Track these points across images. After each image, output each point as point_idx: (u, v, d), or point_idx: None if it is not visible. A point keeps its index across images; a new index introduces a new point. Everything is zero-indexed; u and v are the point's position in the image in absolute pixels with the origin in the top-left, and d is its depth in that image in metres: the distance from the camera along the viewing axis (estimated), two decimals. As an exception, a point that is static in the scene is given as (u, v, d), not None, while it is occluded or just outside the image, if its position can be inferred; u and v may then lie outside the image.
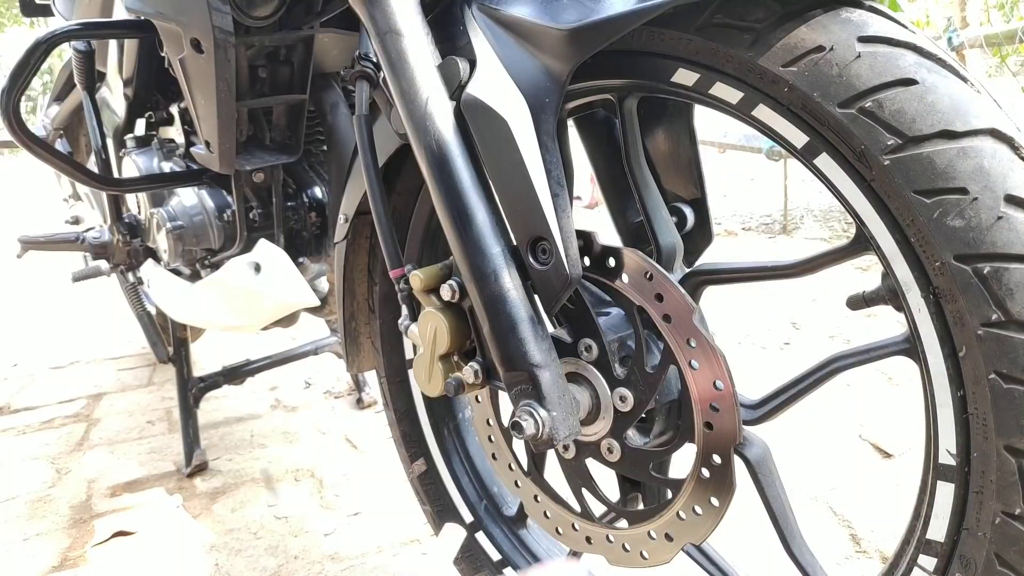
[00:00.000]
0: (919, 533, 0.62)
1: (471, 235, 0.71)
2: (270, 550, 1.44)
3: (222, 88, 1.05)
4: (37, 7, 1.83)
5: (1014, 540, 0.55)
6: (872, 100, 0.56)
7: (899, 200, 0.55)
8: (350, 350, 1.13)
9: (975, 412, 0.55)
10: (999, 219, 0.52)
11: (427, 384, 0.81)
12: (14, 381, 2.51)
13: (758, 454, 0.74)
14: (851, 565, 1.28)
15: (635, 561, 0.81)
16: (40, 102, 8.93)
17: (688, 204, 0.84)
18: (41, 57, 1.18)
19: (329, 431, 1.96)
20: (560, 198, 0.69)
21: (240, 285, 1.25)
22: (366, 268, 1.08)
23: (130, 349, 2.72)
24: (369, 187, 0.82)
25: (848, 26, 0.58)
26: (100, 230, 1.64)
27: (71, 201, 2.28)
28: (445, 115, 0.72)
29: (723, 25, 0.62)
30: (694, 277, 0.77)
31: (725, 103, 0.65)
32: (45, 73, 7.04)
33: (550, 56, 0.68)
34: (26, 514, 1.62)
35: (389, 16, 0.73)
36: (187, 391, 1.81)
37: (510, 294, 0.70)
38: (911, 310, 0.58)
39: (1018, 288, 0.51)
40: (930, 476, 0.60)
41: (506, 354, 0.71)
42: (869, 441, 1.68)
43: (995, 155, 0.53)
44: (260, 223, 1.37)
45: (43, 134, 2.03)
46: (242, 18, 0.99)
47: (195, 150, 1.24)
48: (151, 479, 1.75)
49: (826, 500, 1.46)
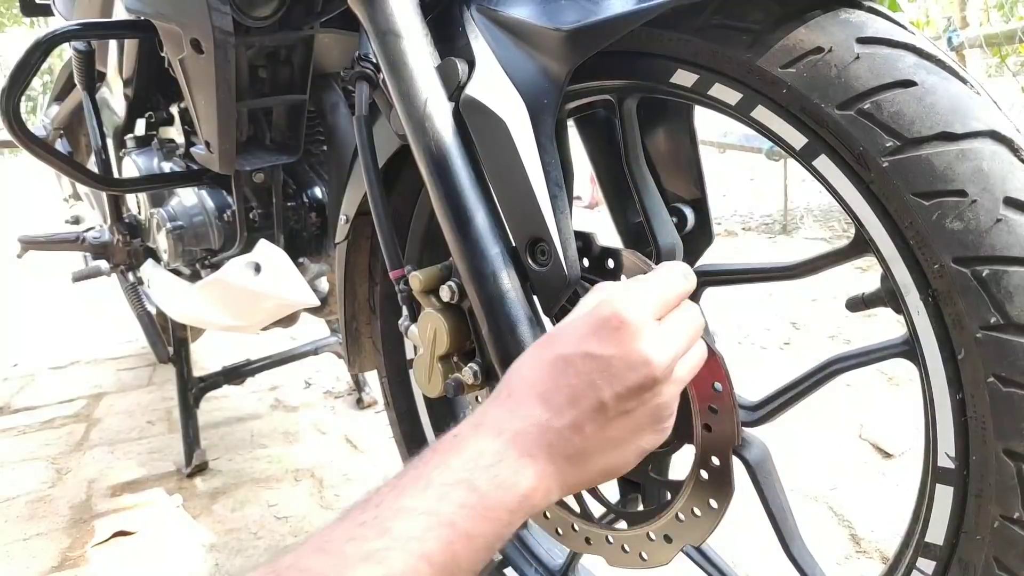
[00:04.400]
0: (918, 536, 0.62)
1: (470, 236, 0.71)
2: (270, 550, 1.44)
3: (222, 88, 1.05)
4: (37, 7, 1.82)
5: (1013, 544, 0.54)
6: (871, 102, 0.55)
7: (898, 202, 0.55)
8: (351, 350, 1.13)
9: (974, 415, 0.55)
10: (998, 221, 0.51)
11: (427, 385, 0.81)
12: (14, 381, 2.51)
13: (757, 455, 0.73)
14: (851, 565, 1.28)
15: (634, 562, 0.81)
16: (40, 102, 8.94)
17: (688, 204, 0.84)
18: (41, 57, 1.18)
19: (329, 431, 1.96)
20: (559, 199, 0.69)
21: (240, 285, 1.25)
22: (367, 268, 1.08)
23: (130, 349, 2.72)
24: (369, 188, 0.82)
25: (847, 27, 0.58)
26: (100, 230, 1.64)
27: (71, 201, 2.28)
28: (444, 116, 0.72)
29: (722, 26, 0.62)
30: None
31: (724, 104, 0.65)
32: (45, 73, 7.04)
33: (549, 57, 0.68)
34: (26, 514, 1.62)
35: (388, 17, 0.73)
36: (187, 391, 1.81)
37: (509, 295, 0.70)
38: (910, 312, 0.58)
39: (1017, 291, 0.51)
40: (929, 479, 0.60)
41: (505, 355, 0.71)
42: (869, 441, 1.68)
43: (994, 157, 0.53)
44: (260, 223, 1.37)
45: (43, 134, 2.03)
46: (242, 18, 0.99)
47: (195, 150, 1.24)
48: (151, 479, 1.75)
49: (826, 500, 1.46)
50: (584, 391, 0.52)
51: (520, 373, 0.55)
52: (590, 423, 0.52)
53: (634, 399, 0.53)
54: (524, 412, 0.52)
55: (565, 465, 0.52)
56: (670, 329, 0.56)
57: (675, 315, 0.57)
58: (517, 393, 0.53)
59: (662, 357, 0.54)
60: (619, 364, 0.53)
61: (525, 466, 0.51)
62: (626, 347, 0.53)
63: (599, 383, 0.52)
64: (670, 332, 0.56)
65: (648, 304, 0.55)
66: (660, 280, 0.58)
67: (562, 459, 0.52)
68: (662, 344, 0.54)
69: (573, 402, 0.52)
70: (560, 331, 0.57)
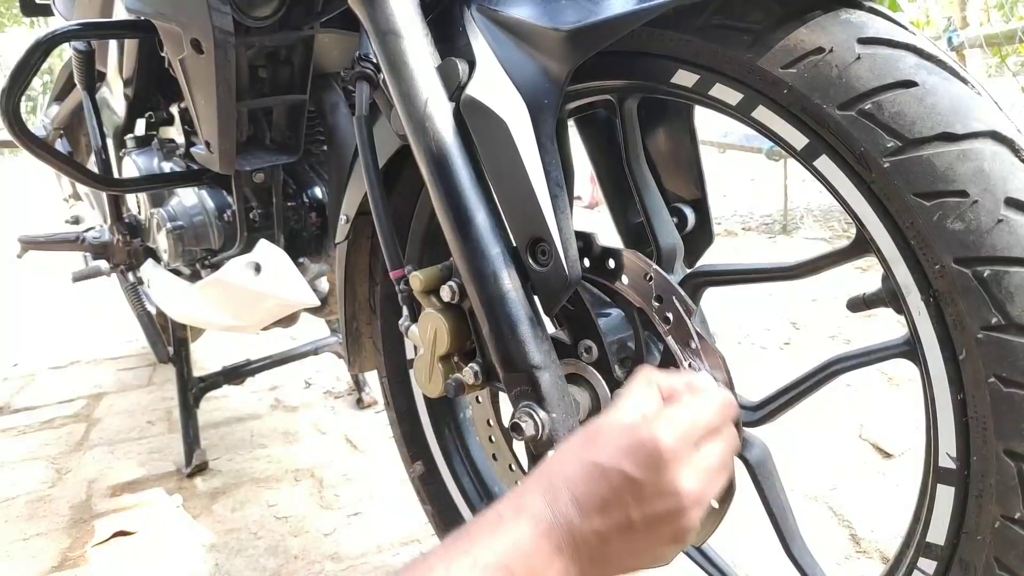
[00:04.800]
0: (919, 536, 0.62)
1: (470, 236, 0.71)
2: (270, 550, 1.44)
3: (222, 88, 1.05)
4: (37, 7, 1.82)
5: (1014, 544, 0.55)
6: (872, 102, 0.55)
7: (899, 202, 0.55)
8: (352, 350, 1.12)
9: (975, 415, 0.55)
10: (999, 222, 0.51)
11: (427, 385, 0.81)
12: (14, 381, 2.51)
13: (758, 456, 0.74)
14: (851, 565, 1.28)
15: (635, 562, 0.81)
16: (40, 102, 8.94)
17: (689, 204, 0.84)
18: (41, 57, 1.18)
19: (329, 431, 1.96)
20: (559, 199, 0.69)
21: (240, 285, 1.25)
22: (367, 268, 1.08)
23: (130, 349, 2.72)
24: (369, 188, 0.82)
25: (847, 27, 0.58)
26: (100, 230, 1.64)
27: (71, 201, 2.28)
28: (444, 116, 0.72)
29: (722, 26, 0.62)
30: (694, 278, 0.77)
31: (725, 104, 0.65)
32: (45, 73, 7.04)
33: (549, 57, 0.68)
34: (26, 514, 1.62)
35: (388, 17, 0.73)
36: (187, 391, 1.81)
37: (509, 295, 0.70)
38: (911, 313, 0.58)
39: (1018, 291, 0.51)
40: (930, 479, 0.60)
41: (506, 355, 0.71)
42: (869, 441, 1.68)
43: (995, 158, 0.53)
44: (260, 223, 1.37)
45: (43, 134, 2.02)
46: (242, 18, 0.99)
47: (195, 150, 1.24)
48: (151, 479, 1.75)
49: (826, 500, 1.46)
50: (615, 505, 0.55)
51: (561, 467, 0.58)
52: (615, 535, 0.56)
53: (660, 523, 0.56)
54: (559, 508, 0.55)
55: (587, 565, 0.56)
56: (704, 459, 0.58)
57: (711, 446, 0.59)
58: (555, 488, 0.57)
59: (693, 488, 0.56)
60: (650, 490, 0.55)
61: (554, 560, 0.55)
62: (659, 476, 0.55)
63: (629, 502, 0.55)
64: (703, 462, 0.58)
65: (687, 434, 0.57)
66: (702, 408, 0.60)
67: (586, 559, 0.55)
68: (694, 476, 0.57)
69: (603, 512, 0.55)
70: (602, 433, 0.59)
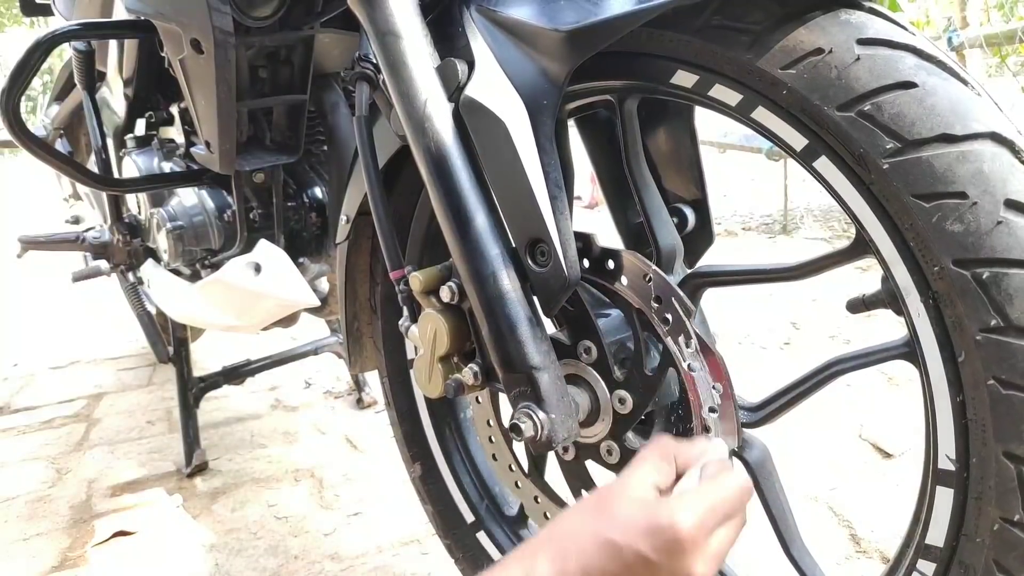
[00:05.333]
0: (918, 538, 0.62)
1: (470, 237, 0.71)
2: (270, 550, 1.44)
3: (222, 88, 1.05)
4: (37, 7, 1.82)
5: (1013, 546, 0.54)
6: (871, 103, 0.55)
7: (898, 204, 0.55)
8: (352, 350, 1.12)
9: (974, 417, 0.55)
10: (998, 224, 0.51)
11: (427, 385, 0.80)
12: (14, 381, 2.51)
13: (758, 456, 0.74)
14: (851, 565, 1.28)
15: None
16: (40, 102, 8.93)
17: (689, 205, 0.84)
18: (41, 57, 1.18)
19: (329, 431, 1.96)
20: (559, 200, 0.69)
21: (240, 285, 1.25)
22: (368, 268, 1.08)
23: (130, 349, 2.72)
24: (369, 188, 0.82)
25: (847, 28, 0.58)
26: (100, 230, 1.64)
27: (71, 201, 2.28)
28: (443, 117, 0.72)
29: (722, 27, 0.62)
30: (694, 279, 0.77)
31: (724, 105, 0.65)
32: (45, 73, 7.04)
33: (548, 58, 0.68)
34: (26, 514, 1.62)
35: (388, 17, 0.73)
36: (187, 391, 1.81)
37: (509, 296, 0.70)
38: (911, 314, 0.58)
39: (1017, 293, 0.51)
40: (929, 481, 0.60)
41: (505, 356, 0.71)
42: (869, 441, 1.68)
43: (995, 159, 0.53)
44: (260, 223, 1.37)
45: (43, 134, 2.03)
46: (242, 18, 0.99)
47: (195, 150, 1.24)
48: (151, 479, 1.75)
49: (826, 500, 1.46)
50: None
51: (573, 537, 0.58)
52: None
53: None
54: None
55: None
56: (717, 544, 0.58)
57: (725, 531, 0.59)
58: (566, 557, 0.57)
59: (704, 574, 0.57)
60: (664, 574, 0.55)
61: None
62: (674, 561, 0.55)
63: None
64: (716, 547, 0.58)
65: (705, 522, 0.57)
66: (722, 493, 0.60)
67: None
68: (706, 562, 0.57)
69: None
70: (618, 506, 0.59)
